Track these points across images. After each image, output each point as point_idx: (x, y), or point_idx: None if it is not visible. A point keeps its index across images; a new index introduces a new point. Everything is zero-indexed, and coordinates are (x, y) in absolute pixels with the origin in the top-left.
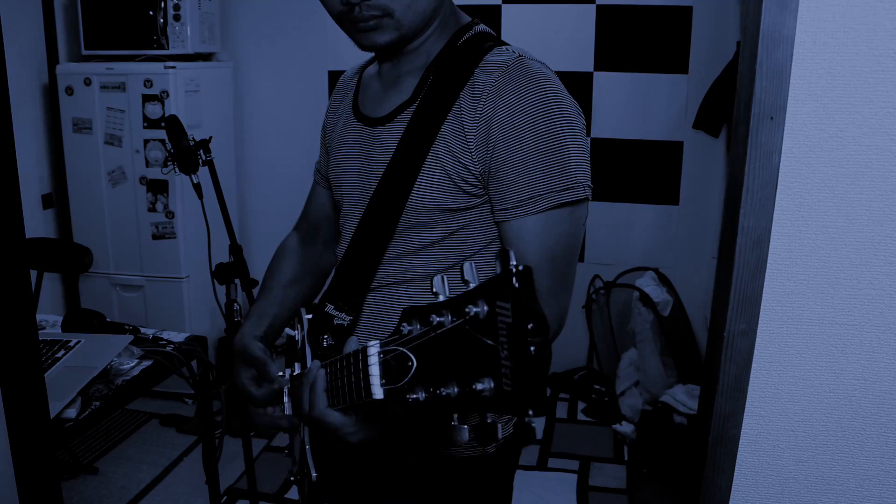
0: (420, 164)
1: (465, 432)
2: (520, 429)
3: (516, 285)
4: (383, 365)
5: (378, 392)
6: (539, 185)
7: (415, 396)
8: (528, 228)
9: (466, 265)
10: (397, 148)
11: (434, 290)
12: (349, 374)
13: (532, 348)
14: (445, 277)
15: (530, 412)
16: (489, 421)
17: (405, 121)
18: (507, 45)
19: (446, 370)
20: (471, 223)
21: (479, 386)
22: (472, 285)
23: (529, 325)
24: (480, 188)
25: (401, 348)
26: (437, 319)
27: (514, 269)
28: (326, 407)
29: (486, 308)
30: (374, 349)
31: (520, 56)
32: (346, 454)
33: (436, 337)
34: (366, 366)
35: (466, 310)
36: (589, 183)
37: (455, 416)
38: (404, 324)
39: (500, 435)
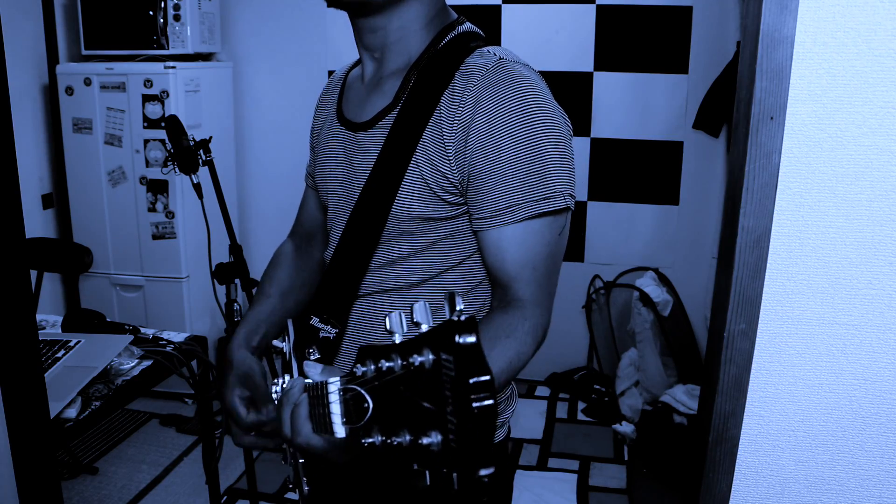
0: (402, 172)
1: (424, 479)
2: (473, 485)
3: (458, 339)
4: (344, 403)
5: (340, 430)
6: (517, 194)
7: (371, 440)
8: (507, 238)
9: (418, 305)
10: (379, 156)
11: (388, 327)
12: (318, 406)
13: (475, 406)
14: (403, 315)
15: (481, 472)
16: (444, 471)
17: (387, 126)
18: (492, 45)
19: (399, 417)
20: (454, 233)
21: (426, 440)
22: (423, 327)
23: (471, 381)
24: (460, 197)
25: (358, 388)
26: (387, 365)
27: (456, 318)
28: (311, 432)
29: (431, 357)
30: (334, 386)
31: (501, 59)
32: (337, 466)
33: (386, 382)
34: (328, 402)
35: (411, 360)
36: (571, 192)
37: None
38: (359, 364)
39: (455, 486)
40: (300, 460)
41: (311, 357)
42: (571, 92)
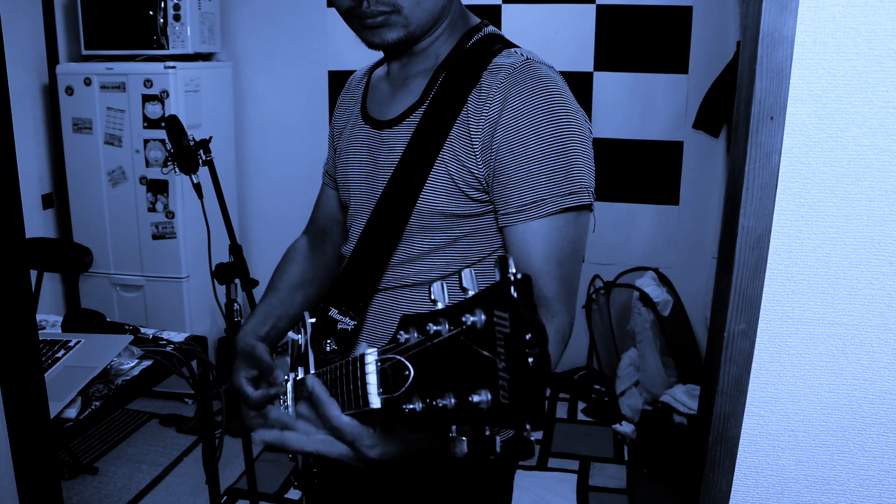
0: (428, 168)
1: (463, 444)
2: (517, 442)
3: (514, 294)
4: (381, 373)
5: (375, 401)
6: (543, 189)
7: (412, 407)
8: (532, 233)
9: (465, 272)
10: (405, 152)
11: (432, 297)
12: (347, 382)
13: (530, 360)
14: (444, 284)
15: (528, 426)
16: (487, 434)
17: (413, 124)
18: (517, 47)
19: (444, 380)
20: (476, 230)
21: (476, 398)
22: (470, 293)
23: (528, 336)
24: (484, 194)
25: (398, 357)
26: (434, 328)
27: (512, 278)
28: (341, 413)
29: (483, 317)
30: (371, 357)
31: (527, 59)
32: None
33: (432, 346)
34: (363, 374)
35: (463, 319)
36: (593, 189)
37: (453, 427)
38: (401, 332)
39: (497, 448)
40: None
41: (328, 348)
42: (572, 92)
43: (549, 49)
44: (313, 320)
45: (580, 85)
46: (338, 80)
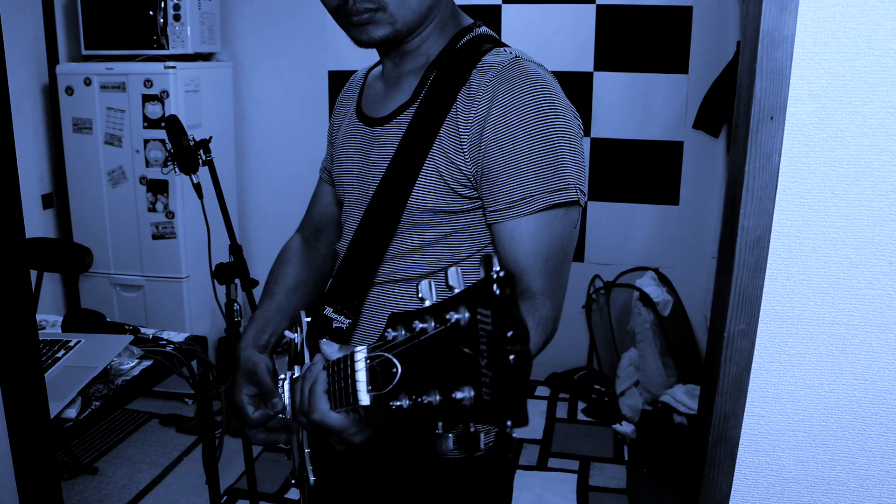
0: (419, 166)
1: (449, 441)
2: (500, 439)
3: (497, 292)
4: (370, 371)
5: (364, 398)
6: (531, 186)
7: (399, 403)
8: (521, 230)
9: (451, 270)
10: (397, 149)
11: (420, 294)
12: (339, 380)
13: (511, 357)
14: (432, 283)
15: (509, 423)
16: (472, 430)
17: (404, 122)
18: (507, 46)
19: (429, 377)
20: (466, 226)
21: (459, 395)
22: (456, 291)
23: (509, 333)
24: (473, 191)
25: (386, 354)
26: (420, 326)
27: (495, 275)
28: (329, 409)
29: (467, 315)
30: (360, 354)
31: (516, 57)
32: (344, 458)
33: (419, 343)
34: (353, 371)
35: (448, 316)
36: (582, 185)
37: (440, 424)
38: (389, 329)
39: (482, 444)
40: (307, 450)
41: None
42: (571, 92)
43: (549, 49)
44: (309, 319)
45: (580, 85)
46: (338, 81)
